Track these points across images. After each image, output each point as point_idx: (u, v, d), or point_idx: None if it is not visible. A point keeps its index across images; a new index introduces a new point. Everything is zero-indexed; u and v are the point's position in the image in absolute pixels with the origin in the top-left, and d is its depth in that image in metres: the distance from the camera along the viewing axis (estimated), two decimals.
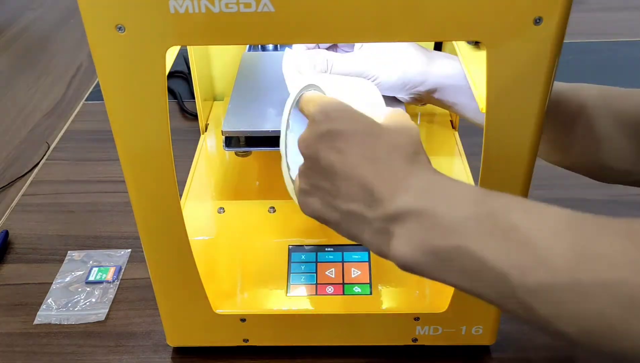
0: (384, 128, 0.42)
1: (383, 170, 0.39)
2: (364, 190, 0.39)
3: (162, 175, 0.48)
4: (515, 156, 0.46)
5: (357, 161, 0.40)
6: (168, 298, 0.57)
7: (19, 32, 1.41)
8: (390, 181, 0.39)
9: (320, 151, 0.41)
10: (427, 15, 0.39)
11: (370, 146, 0.40)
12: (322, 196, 0.42)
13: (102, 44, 0.41)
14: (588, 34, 1.26)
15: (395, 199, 0.38)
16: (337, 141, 0.41)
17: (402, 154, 0.40)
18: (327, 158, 0.41)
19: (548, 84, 0.42)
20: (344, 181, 0.40)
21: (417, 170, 0.40)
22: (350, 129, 0.41)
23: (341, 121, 0.41)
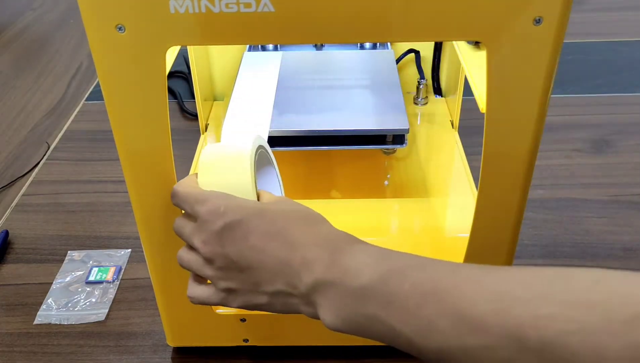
0: (274, 204, 0.43)
1: (290, 242, 0.40)
2: (281, 268, 0.40)
3: (162, 175, 0.48)
4: (515, 156, 0.46)
5: (263, 243, 0.40)
6: (168, 298, 0.57)
7: (19, 32, 1.41)
8: (299, 252, 0.39)
9: (226, 247, 0.41)
10: (427, 15, 0.39)
11: (269, 224, 0.41)
12: (245, 286, 0.42)
13: (102, 44, 0.41)
14: (588, 34, 1.26)
15: (310, 274, 0.39)
16: (237, 231, 0.41)
17: (299, 221, 0.41)
18: (235, 250, 0.41)
19: (548, 84, 0.42)
20: (260, 266, 0.41)
21: (320, 232, 0.40)
22: (246, 215, 0.41)
23: (234, 212, 0.41)
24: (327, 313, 0.39)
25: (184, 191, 0.45)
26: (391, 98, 0.70)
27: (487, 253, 0.52)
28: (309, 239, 0.40)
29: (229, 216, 0.41)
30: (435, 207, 0.70)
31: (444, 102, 0.88)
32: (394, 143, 0.66)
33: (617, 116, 0.97)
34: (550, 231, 0.76)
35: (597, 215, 0.78)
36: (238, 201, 0.43)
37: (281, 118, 0.67)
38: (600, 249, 0.74)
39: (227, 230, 0.41)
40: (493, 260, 0.52)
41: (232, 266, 0.42)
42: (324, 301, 0.39)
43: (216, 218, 0.42)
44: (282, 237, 0.40)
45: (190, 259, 0.44)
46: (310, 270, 0.39)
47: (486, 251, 0.51)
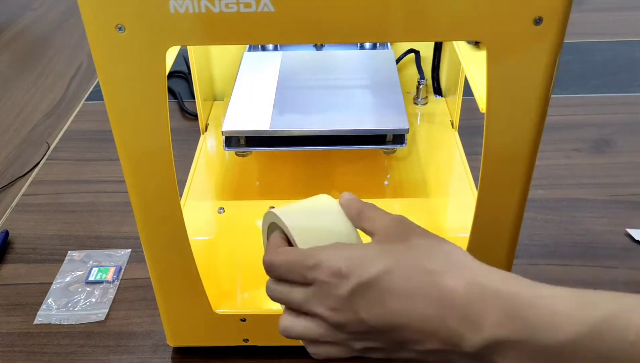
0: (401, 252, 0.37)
1: (437, 298, 0.34)
2: (434, 328, 0.34)
3: (162, 175, 0.48)
4: (515, 156, 0.46)
5: (405, 304, 0.35)
6: (168, 298, 0.57)
7: (19, 32, 1.41)
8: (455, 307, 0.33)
9: (360, 312, 0.36)
10: (428, 15, 0.39)
11: (405, 281, 0.35)
12: (388, 346, 0.37)
13: (102, 44, 0.41)
14: (588, 34, 1.26)
15: (476, 334, 0.33)
16: (370, 294, 0.35)
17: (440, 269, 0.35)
18: (373, 315, 0.35)
19: (548, 84, 0.42)
20: (406, 328, 0.35)
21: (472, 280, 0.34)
22: (374, 275, 0.35)
23: (359, 273, 0.36)
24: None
25: (284, 259, 0.39)
26: (391, 98, 0.70)
27: (487, 253, 0.52)
28: (461, 288, 0.34)
29: (354, 278, 0.36)
30: (435, 207, 0.70)
31: (444, 102, 0.88)
32: (394, 143, 0.66)
33: (617, 116, 0.97)
34: (550, 231, 0.76)
35: (597, 215, 0.78)
36: (357, 257, 0.37)
37: (281, 118, 0.67)
38: (600, 249, 0.73)
39: (357, 294, 0.36)
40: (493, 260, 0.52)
41: (370, 330, 0.36)
42: (506, 360, 0.33)
43: (340, 282, 0.36)
44: (425, 293, 0.34)
45: (308, 327, 0.39)
46: (476, 328, 0.33)
47: (486, 251, 0.51)
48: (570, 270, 0.71)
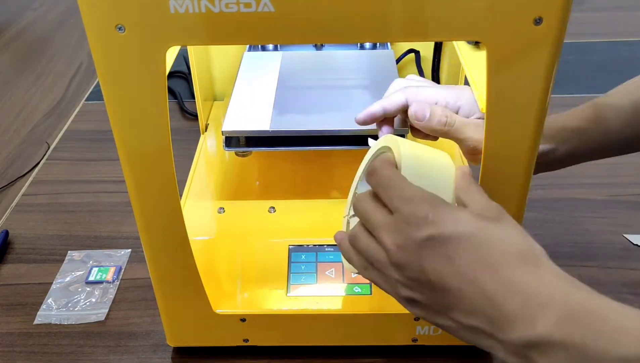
0: (490, 225, 0.37)
1: (505, 280, 0.34)
2: (487, 305, 0.34)
3: (162, 175, 0.48)
4: (515, 156, 0.46)
5: (472, 272, 0.34)
6: (168, 298, 0.57)
7: (19, 32, 1.41)
8: (518, 295, 0.33)
9: (424, 261, 0.36)
10: (428, 15, 0.39)
11: (482, 251, 0.35)
12: (433, 305, 0.37)
13: (102, 44, 0.41)
14: (588, 34, 1.26)
15: (531, 324, 0.32)
16: (443, 249, 0.35)
17: (519, 256, 0.35)
18: (435, 269, 0.36)
19: (548, 84, 0.42)
20: (460, 295, 0.35)
21: (545, 277, 0.34)
22: (456, 233, 0.36)
23: (443, 224, 0.36)
24: None
25: (388, 175, 0.39)
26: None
27: None
28: (532, 280, 0.34)
29: (436, 229, 0.36)
30: None
31: None
32: None
33: None
34: (550, 231, 0.76)
35: (597, 215, 0.78)
36: (447, 211, 0.37)
37: (281, 118, 0.67)
38: (600, 249, 0.73)
39: (431, 244, 0.36)
40: None
41: (424, 282, 0.36)
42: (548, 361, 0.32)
43: (420, 226, 0.36)
44: (497, 272, 0.34)
45: (372, 248, 0.39)
46: (531, 322, 0.32)
47: None
48: (570, 270, 0.70)
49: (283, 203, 0.68)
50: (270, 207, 0.68)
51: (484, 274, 0.34)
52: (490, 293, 0.34)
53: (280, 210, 0.68)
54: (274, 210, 0.68)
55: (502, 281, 0.34)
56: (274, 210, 0.68)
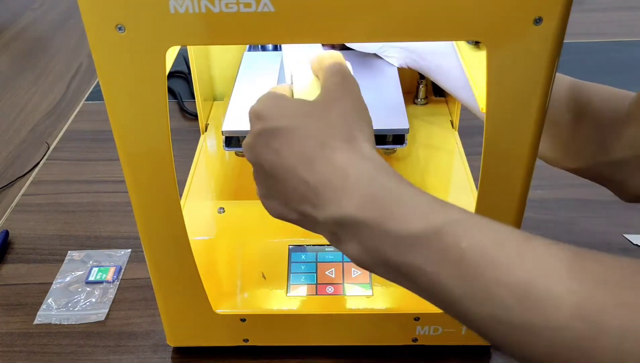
0: (316, 113, 0.40)
1: (320, 168, 0.37)
2: (309, 192, 0.38)
3: (162, 175, 0.48)
4: (515, 156, 0.46)
5: (294, 161, 0.38)
6: (168, 298, 0.57)
7: (19, 32, 1.41)
8: (330, 180, 0.37)
9: (260, 154, 0.40)
10: (428, 14, 0.39)
11: (303, 142, 0.38)
12: (278, 197, 0.41)
13: (102, 44, 0.41)
14: (588, 34, 1.26)
15: (339, 205, 0.36)
16: (271, 141, 0.40)
17: (337, 141, 0.38)
18: (267, 160, 0.40)
19: (548, 84, 0.42)
20: (288, 183, 0.39)
21: (356, 162, 0.37)
22: (280, 125, 0.39)
23: (270, 118, 0.40)
24: (354, 249, 0.36)
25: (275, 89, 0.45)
26: (391, 98, 0.70)
27: None
28: (341, 165, 0.37)
29: (264, 122, 0.40)
30: None
31: (444, 102, 0.88)
32: (394, 143, 0.66)
33: None
34: (550, 231, 0.76)
35: (596, 216, 0.78)
36: (276, 105, 0.41)
37: None
38: (600, 249, 0.73)
39: (262, 136, 0.40)
40: None
41: (266, 174, 0.41)
42: (351, 239, 0.36)
43: (255, 122, 0.41)
44: (312, 160, 0.38)
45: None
46: (337, 204, 0.36)
47: None
48: None
49: None
50: None
51: (303, 165, 0.38)
52: (309, 182, 0.38)
53: None
54: None
55: (317, 172, 0.37)
56: None
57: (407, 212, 0.34)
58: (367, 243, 0.36)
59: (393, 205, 0.35)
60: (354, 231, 0.36)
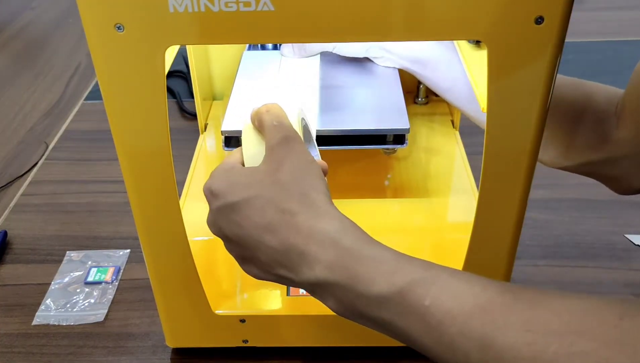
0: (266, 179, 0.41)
1: (284, 235, 0.39)
2: (279, 257, 0.39)
3: (161, 175, 0.47)
4: (516, 156, 0.45)
5: (258, 231, 0.40)
6: (167, 298, 0.57)
7: (17, 31, 1.41)
8: (297, 245, 0.39)
9: (223, 228, 0.42)
10: (428, 14, 0.39)
11: (261, 212, 0.40)
12: (254, 263, 0.42)
13: (101, 43, 0.41)
14: (589, 34, 1.26)
15: (310, 268, 0.38)
16: (231, 216, 0.41)
17: (294, 204, 0.40)
18: (232, 233, 0.42)
19: (549, 84, 0.42)
20: (258, 251, 0.40)
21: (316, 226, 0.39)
22: (236, 200, 0.41)
23: (224, 195, 0.42)
24: (333, 305, 0.39)
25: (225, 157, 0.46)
26: (391, 98, 0.69)
27: (488, 254, 0.51)
28: (305, 231, 0.39)
29: (219, 200, 0.42)
30: (436, 207, 0.70)
31: (444, 101, 0.88)
32: (394, 143, 0.66)
33: None
34: (551, 231, 0.76)
35: (598, 215, 0.78)
36: (230, 180, 0.42)
37: None
38: (601, 249, 0.73)
39: (221, 213, 0.42)
40: (494, 260, 0.52)
41: (235, 245, 0.42)
42: (329, 297, 0.39)
43: (211, 200, 0.43)
44: (275, 228, 0.39)
45: None
46: (310, 267, 0.38)
47: (487, 251, 0.51)
48: (571, 271, 0.71)
49: None
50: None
51: (266, 234, 0.40)
52: (277, 248, 0.39)
53: None
54: None
55: (281, 237, 0.39)
56: None
57: (370, 273, 0.37)
58: (342, 300, 0.38)
59: (357, 267, 0.37)
60: (329, 291, 0.38)
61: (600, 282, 0.69)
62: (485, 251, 0.51)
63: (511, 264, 0.52)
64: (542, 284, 0.69)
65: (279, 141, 0.43)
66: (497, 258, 0.52)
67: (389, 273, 0.36)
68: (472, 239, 0.50)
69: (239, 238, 0.41)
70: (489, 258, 0.52)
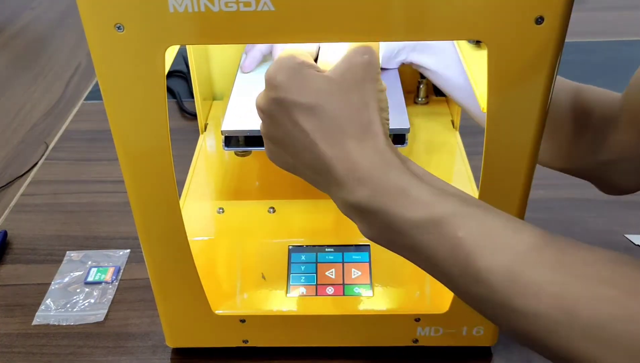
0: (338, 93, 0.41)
1: (338, 153, 0.40)
2: (324, 168, 0.40)
3: (161, 175, 0.47)
4: (516, 156, 0.45)
5: (312, 137, 0.40)
6: (167, 298, 0.57)
7: (17, 31, 1.41)
8: (345, 166, 0.39)
9: (277, 119, 0.42)
10: (428, 14, 0.39)
11: (324, 123, 0.40)
12: (289, 156, 0.43)
13: (101, 43, 0.41)
14: (589, 34, 1.26)
15: (352, 192, 0.39)
16: (291, 113, 0.41)
17: (356, 130, 0.40)
18: (284, 126, 0.41)
19: (549, 84, 0.42)
20: (304, 153, 0.41)
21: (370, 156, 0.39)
22: (302, 101, 0.40)
23: (291, 91, 0.41)
24: (366, 229, 0.40)
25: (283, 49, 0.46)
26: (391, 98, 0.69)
27: None
28: (356, 157, 0.39)
29: (285, 93, 0.41)
30: None
31: (444, 101, 0.88)
32: (394, 143, 0.66)
33: None
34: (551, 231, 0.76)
35: (597, 215, 0.78)
36: (300, 79, 0.41)
37: None
38: None
39: (281, 105, 0.41)
40: None
41: (279, 134, 0.42)
42: (364, 220, 0.40)
43: (274, 88, 0.41)
44: (332, 143, 0.40)
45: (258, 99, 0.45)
46: (350, 192, 0.39)
47: None
48: None
49: (283, 203, 0.68)
50: (270, 207, 0.67)
51: (321, 143, 0.40)
52: (326, 161, 0.40)
53: (280, 210, 0.67)
54: (273, 210, 0.67)
55: (334, 152, 0.40)
56: (274, 210, 0.67)
57: (413, 203, 0.37)
58: (375, 225, 0.39)
59: (401, 198, 0.38)
60: (364, 216, 0.39)
61: None
62: None
63: None
64: None
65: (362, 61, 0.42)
66: None
67: (428, 203, 0.37)
68: None
69: (289, 134, 0.41)
70: None
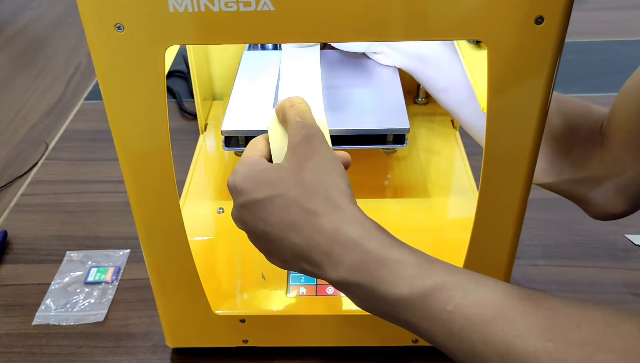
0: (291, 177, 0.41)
1: (308, 234, 0.39)
2: (303, 253, 0.40)
3: (161, 175, 0.47)
4: (516, 156, 0.45)
5: (282, 228, 0.41)
6: (167, 298, 0.57)
7: (17, 31, 1.41)
8: (320, 245, 0.39)
9: (248, 223, 0.43)
10: (428, 14, 0.39)
11: (285, 210, 0.40)
12: (278, 256, 0.43)
13: (101, 43, 0.41)
14: (589, 34, 1.26)
15: (333, 269, 0.39)
16: (256, 212, 0.42)
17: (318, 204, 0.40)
18: (257, 228, 0.42)
19: (549, 84, 0.42)
20: (283, 247, 0.41)
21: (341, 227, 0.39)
22: (260, 197, 0.41)
23: (248, 191, 0.42)
24: (357, 303, 0.40)
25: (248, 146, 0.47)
26: (391, 98, 0.69)
27: (488, 254, 0.51)
28: (329, 233, 0.39)
29: (246, 196, 0.42)
30: (436, 207, 0.70)
31: None
32: (394, 143, 0.66)
33: None
34: (551, 231, 0.76)
35: None
36: (253, 177, 0.43)
37: None
38: (601, 249, 0.73)
39: (247, 209, 0.42)
40: (494, 260, 0.52)
41: (260, 240, 0.43)
42: (352, 296, 0.39)
43: (236, 195, 0.43)
44: (299, 227, 0.40)
45: None
46: (334, 267, 0.38)
47: (487, 251, 0.51)
48: (571, 271, 0.71)
49: None
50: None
51: (290, 233, 0.40)
52: (301, 247, 0.40)
53: None
54: None
55: (305, 237, 0.40)
56: None
57: (393, 277, 0.37)
58: (365, 299, 0.39)
59: (380, 270, 0.37)
60: (352, 290, 0.39)
61: (600, 282, 0.69)
62: (485, 251, 0.51)
63: (511, 264, 0.52)
64: (542, 284, 0.69)
65: (301, 139, 0.43)
66: (497, 258, 0.52)
67: (412, 277, 0.36)
68: (472, 239, 0.50)
69: (264, 233, 0.42)
70: (489, 258, 0.52)
